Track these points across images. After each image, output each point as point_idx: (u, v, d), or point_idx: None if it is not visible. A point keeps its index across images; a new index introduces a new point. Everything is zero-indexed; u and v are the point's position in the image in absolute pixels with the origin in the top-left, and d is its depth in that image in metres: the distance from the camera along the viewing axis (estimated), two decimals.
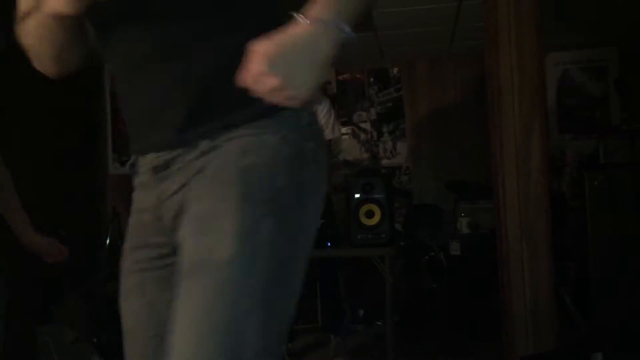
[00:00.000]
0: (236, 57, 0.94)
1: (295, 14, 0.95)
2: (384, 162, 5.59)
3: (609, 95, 5.15)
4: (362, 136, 5.64)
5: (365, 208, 2.78)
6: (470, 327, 3.92)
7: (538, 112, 2.80)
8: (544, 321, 2.66)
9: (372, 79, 5.67)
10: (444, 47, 5.24)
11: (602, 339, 2.73)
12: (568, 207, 4.35)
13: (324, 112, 3.68)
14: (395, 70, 5.64)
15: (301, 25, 0.94)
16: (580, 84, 5.23)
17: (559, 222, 3.37)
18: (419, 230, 4.69)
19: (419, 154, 5.57)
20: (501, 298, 2.85)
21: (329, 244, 2.85)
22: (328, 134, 3.68)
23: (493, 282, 3.14)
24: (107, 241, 4.37)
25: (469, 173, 4.99)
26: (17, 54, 1.12)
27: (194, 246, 0.96)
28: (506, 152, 2.80)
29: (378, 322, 3.98)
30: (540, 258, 2.69)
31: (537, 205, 2.73)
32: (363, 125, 5.65)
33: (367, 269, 3.81)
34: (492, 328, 3.22)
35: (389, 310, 2.76)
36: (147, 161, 1.10)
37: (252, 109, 0.99)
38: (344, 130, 5.60)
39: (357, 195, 2.80)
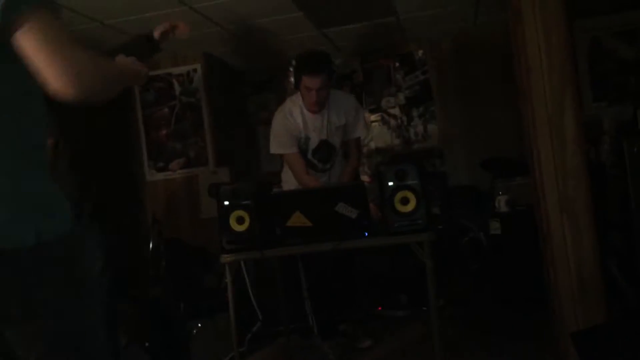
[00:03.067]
0: None
1: None
2: (416, 146, 5.55)
3: None
4: (392, 122, 5.61)
5: (399, 195, 2.76)
6: (517, 306, 3.88)
7: (569, 83, 2.73)
8: (592, 295, 2.61)
9: (397, 64, 5.63)
10: (467, 24, 5.16)
11: None
12: (609, 176, 4.25)
13: (354, 108, 3.59)
14: (420, 52, 5.58)
15: None
16: (612, 50, 5.08)
17: (600, 193, 3.30)
18: (457, 211, 4.65)
19: (450, 135, 5.51)
20: (546, 274, 2.81)
21: (366, 234, 2.85)
22: (359, 133, 3.61)
23: (536, 259, 3.10)
24: (150, 246, 4.45)
25: (502, 150, 4.92)
26: None
27: None
28: (539, 126, 2.74)
29: (423, 308, 3.97)
30: (583, 231, 2.64)
31: (576, 178, 2.67)
32: (392, 111, 5.62)
33: (406, 253, 3.81)
34: (539, 306, 3.18)
35: (432, 295, 2.75)
36: None
37: None
38: (373, 117, 5.58)
39: (390, 183, 2.78)
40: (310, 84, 3.33)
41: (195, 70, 5.09)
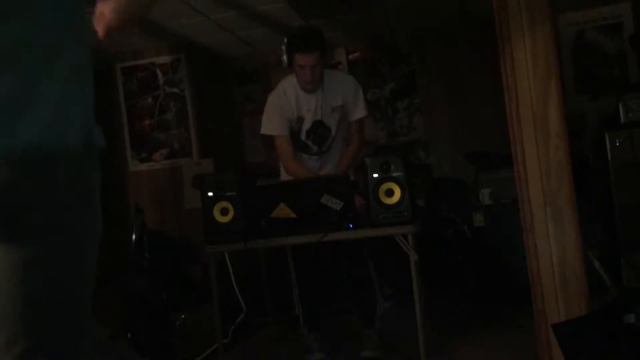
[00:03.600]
0: None
1: None
2: (401, 138, 5.56)
3: (626, 52, 5.04)
4: (377, 114, 5.61)
5: (384, 187, 2.77)
6: (501, 297, 3.91)
7: (553, 76, 2.75)
8: (574, 287, 2.64)
9: (383, 56, 5.62)
10: (454, 17, 5.16)
11: (633, 300, 2.70)
12: (591, 169, 4.29)
13: (352, 89, 3.42)
14: (406, 45, 5.58)
15: None
16: (596, 44, 5.12)
17: (582, 185, 3.33)
18: (441, 204, 4.67)
19: (435, 128, 5.53)
20: (529, 267, 2.83)
21: (350, 226, 2.85)
22: (360, 113, 3.44)
23: (519, 251, 3.12)
24: (133, 237, 4.42)
25: (487, 143, 4.94)
26: None
27: None
28: (523, 119, 2.75)
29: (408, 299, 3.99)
30: (566, 223, 2.66)
31: (559, 171, 2.69)
32: (377, 103, 5.62)
33: (390, 246, 3.81)
34: (521, 297, 3.21)
35: (416, 287, 2.76)
36: None
37: None
38: None
39: (375, 175, 2.79)
40: (303, 61, 3.20)
41: (179, 60, 5.05)
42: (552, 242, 2.69)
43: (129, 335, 3.56)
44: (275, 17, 4.61)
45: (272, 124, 3.42)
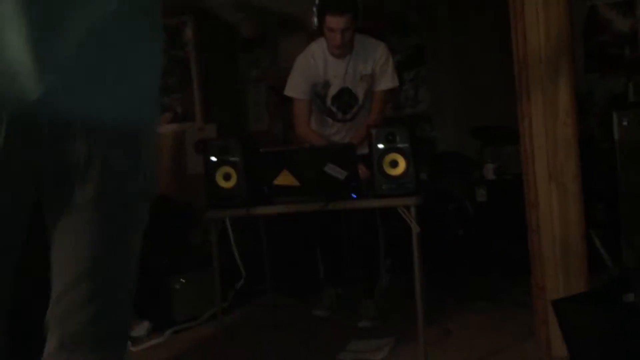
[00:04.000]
0: None
1: None
2: (406, 110, 5.51)
3: (638, 30, 4.96)
4: None
5: (389, 158, 2.74)
6: (501, 273, 3.92)
7: (565, 52, 2.70)
8: (575, 264, 2.64)
9: (391, 26, 5.54)
10: None
11: (633, 279, 2.70)
12: (597, 148, 4.26)
13: (382, 58, 3.35)
14: (415, 15, 5.49)
15: None
16: (608, 21, 5.04)
17: (587, 164, 3.31)
18: (444, 178, 4.66)
19: (441, 101, 5.48)
20: (530, 242, 2.82)
21: (354, 196, 2.84)
22: (384, 84, 3.38)
23: (521, 227, 3.11)
24: None
25: (493, 118, 4.90)
26: None
27: None
28: (532, 94, 2.72)
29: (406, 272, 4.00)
30: (570, 200, 2.65)
31: (566, 147, 2.67)
32: None
33: (391, 218, 3.81)
34: (522, 273, 3.21)
35: (417, 260, 2.76)
36: None
37: None
38: None
39: (380, 146, 2.76)
40: (333, 24, 3.13)
41: (185, 23, 4.98)
42: (555, 218, 2.68)
43: None
44: None
45: (295, 86, 3.38)
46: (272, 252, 3.71)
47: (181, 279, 3.65)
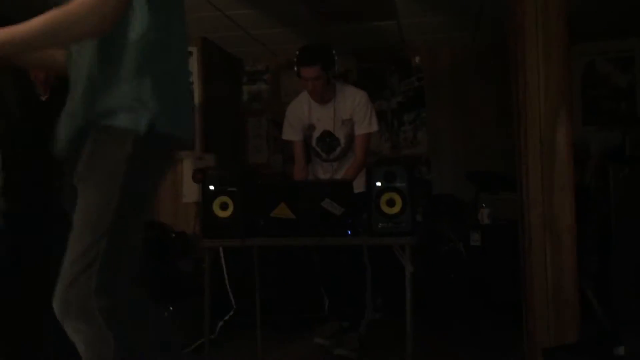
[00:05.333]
0: None
1: None
2: (404, 151, 5.56)
3: (635, 86, 5.06)
4: (383, 125, 5.61)
5: (386, 196, 2.76)
6: (492, 318, 3.90)
7: (564, 103, 2.75)
8: (566, 314, 2.63)
9: (393, 68, 5.63)
10: (467, 36, 5.18)
11: (624, 332, 2.70)
12: (591, 200, 4.29)
13: (360, 105, 3.54)
14: (417, 59, 5.59)
15: None
16: (606, 75, 5.14)
17: (582, 216, 3.33)
18: (438, 220, 4.67)
19: (439, 144, 5.53)
20: (523, 290, 2.82)
21: (349, 232, 2.84)
22: (364, 129, 3.55)
23: (513, 273, 3.12)
24: None
25: (488, 164, 4.95)
26: None
27: None
28: (530, 143, 2.76)
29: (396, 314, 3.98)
30: (564, 250, 2.66)
31: (562, 197, 2.69)
32: (383, 114, 5.62)
33: (384, 257, 3.80)
34: (513, 320, 3.20)
35: (409, 300, 2.74)
36: None
37: None
38: None
39: (378, 184, 2.78)
40: (304, 73, 3.42)
41: (191, 53, 5.04)
42: (549, 267, 2.68)
43: None
44: (291, 19, 4.62)
45: (287, 130, 3.71)
46: (264, 285, 3.69)
47: (169, 307, 3.62)
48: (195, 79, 5.06)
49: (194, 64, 5.04)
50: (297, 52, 3.49)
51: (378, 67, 5.65)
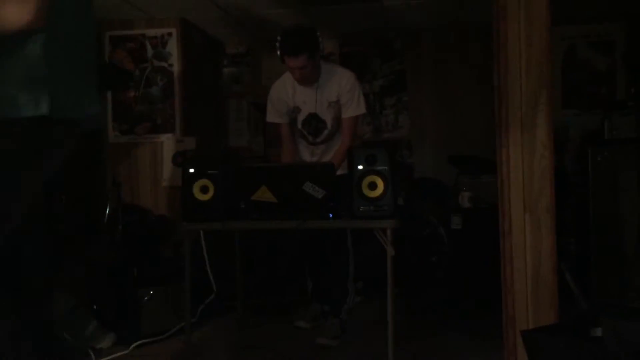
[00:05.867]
0: None
1: None
2: (386, 135, 5.55)
3: (615, 70, 5.09)
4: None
5: (368, 180, 2.76)
6: (470, 301, 3.93)
7: (545, 86, 2.76)
8: (545, 295, 2.66)
9: (375, 51, 5.60)
10: (450, 18, 5.16)
11: (601, 314, 2.73)
12: (570, 183, 4.34)
13: (347, 87, 3.48)
14: (399, 42, 5.57)
15: None
16: (586, 59, 5.17)
17: (560, 198, 3.36)
18: (419, 204, 4.68)
19: (420, 128, 5.54)
20: (502, 272, 2.84)
21: (330, 215, 2.83)
22: (351, 112, 3.49)
23: (493, 256, 3.14)
24: (107, 209, 4.35)
25: (470, 147, 4.96)
26: None
27: None
28: (511, 125, 2.76)
29: (378, 295, 4.00)
30: (543, 232, 2.68)
31: (542, 179, 2.71)
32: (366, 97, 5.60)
33: (365, 240, 3.81)
34: (492, 302, 3.23)
35: (390, 283, 2.75)
36: None
37: None
38: None
39: (360, 167, 2.77)
40: (291, 63, 3.32)
41: (170, 34, 4.97)
42: (528, 249, 2.70)
43: (94, 306, 3.50)
44: (272, 0, 4.56)
45: (271, 112, 3.63)
46: (245, 268, 3.68)
47: (150, 291, 3.59)
48: (175, 61, 4.99)
49: (173, 46, 4.97)
50: (279, 39, 3.33)
51: (360, 50, 5.62)
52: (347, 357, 3.14)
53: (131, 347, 3.32)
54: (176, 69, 4.98)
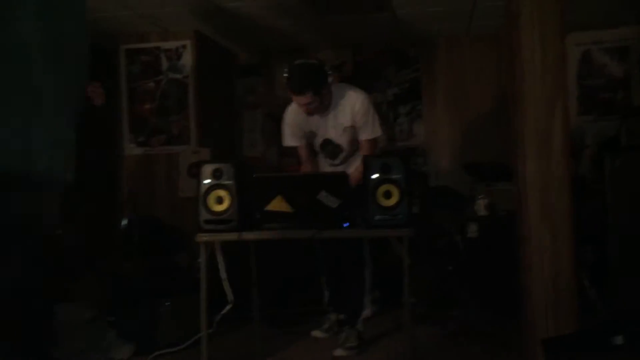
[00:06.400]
0: None
1: None
2: (400, 144, 5.55)
3: (631, 76, 5.05)
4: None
5: (383, 189, 2.75)
6: (490, 309, 3.90)
7: (560, 93, 2.75)
8: (564, 304, 2.63)
9: (389, 59, 5.61)
10: (462, 27, 5.16)
11: (622, 322, 2.70)
12: (587, 190, 4.29)
13: (361, 111, 3.42)
14: (413, 50, 5.57)
15: None
16: (602, 65, 5.13)
17: (577, 205, 3.33)
18: (435, 212, 4.66)
19: (435, 136, 5.52)
20: (521, 280, 2.82)
21: (346, 225, 2.83)
22: (368, 135, 3.46)
23: (511, 264, 3.11)
24: (123, 221, 4.38)
25: (486, 155, 4.94)
26: None
27: None
28: (527, 133, 2.75)
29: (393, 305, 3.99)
30: (562, 240, 2.66)
31: (559, 187, 2.69)
32: (379, 106, 5.60)
33: (381, 250, 3.80)
34: (511, 311, 3.20)
35: (406, 292, 2.74)
36: None
37: None
38: None
39: (374, 176, 2.77)
40: (297, 101, 3.36)
41: (184, 47, 5.01)
42: (546, 257, 2.68)
43: (112, 318, 3.52)
44: (287, 11, 4.59)
45: (288, 136, 3.62)
46: (261, 278, 3.68)
47: (167, 302, 3.60)
48: (189, 72, 5.03)
49: (187, 58, 5.01)
50: (285, 76, 3.31)
51: (374, 59, 5.63)
52: None
53: (149, 358, 3.33)
54: (191, 81, 5.02)
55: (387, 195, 2.76)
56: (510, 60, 2.95)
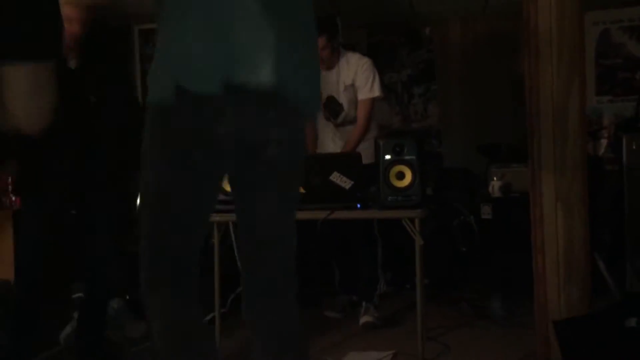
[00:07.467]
0: None
1: None
2: (415, 125, 5.52)
3: None
4: (393, 98, 5.56)
5: (395, 169, 2.74)
6: (502, 291, 3.89)
7: (577, 73, 2.70)
8: (578, 285, 2.62)
9: (403, 40, 5.55)
10: (478, 5, 5.09)
11: (635, 304, 2.68)
12: (604, 171, 4.25)
13: (362, 70, 3.61)
14: (428, 30, 5.51)
15: None
16: (620, 44, 5.04)
17: (594, 187, 3.29)
18: (449, 193, 4.64)
19: (449, 117, 5.48)
20: (534, 262, 2.80)
21: (358, 206, 2.83)
22: (364, 94, 3.62)
23: (525, 246, 3.09)
24: (139, 200, 4.41)
25: (500, 136, 4.89)
26: None
27: None
28: (543, 114, 2.71)
29: (407, 285, 3.99)
30: (576, 221, 2.63)
31: (574, 167, 2.66)
32: (393, 87, 5.56)
33: (394, 231, 3.80)
34: (524, 292, 3.19)
35: (419, 273, 2.74)
36: None
37: None
38: None
39: (387, 157, 2.76)
40: None
41: None
42: (560, 238, 2.66)
43: (127, 297, 3.56)
44: None
45: None
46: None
47: None
48: None
49: None
50: None
51: (388, 40, 5.58)
52: (378, 346, 3.13)
53: None
54: None
55: (400, 176, 2.75)
56: (527, 39, 2.90)
